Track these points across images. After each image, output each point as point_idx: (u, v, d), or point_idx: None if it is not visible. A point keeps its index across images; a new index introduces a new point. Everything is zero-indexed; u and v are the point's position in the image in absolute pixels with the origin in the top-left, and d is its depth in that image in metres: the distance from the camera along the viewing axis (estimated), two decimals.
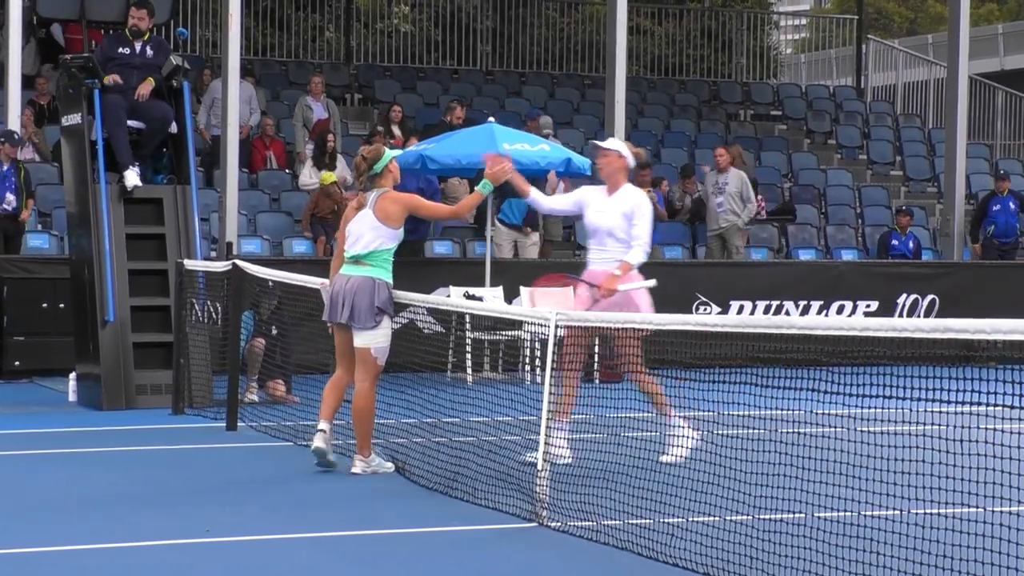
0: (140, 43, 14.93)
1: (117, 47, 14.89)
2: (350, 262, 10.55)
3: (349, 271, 10.54)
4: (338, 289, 10.51)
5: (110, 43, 15.00)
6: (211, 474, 10.84)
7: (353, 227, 10.56)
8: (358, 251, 10.53)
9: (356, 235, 10.53)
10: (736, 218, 20.59)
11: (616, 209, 11.11)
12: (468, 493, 9.57)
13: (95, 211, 14.35)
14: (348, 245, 10.57)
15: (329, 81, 24.67)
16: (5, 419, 13.50)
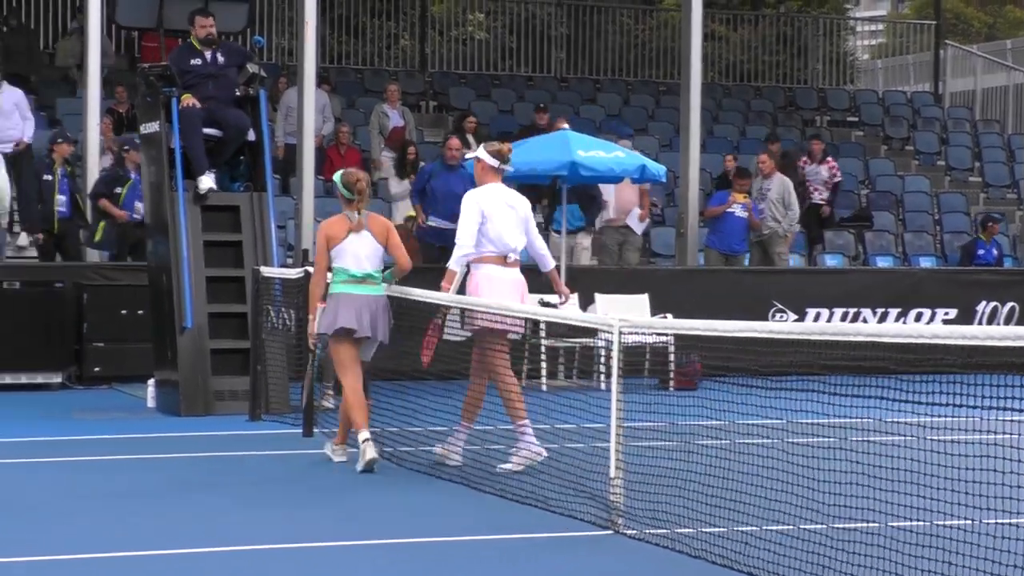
0: (210, 51, 14.96)
1: (189, 59, 14.89)
2: (356, 281, 11.07)
3: (362, 290, 11.07)
4: (359, 306, 11.03)
5: (181, 56, 14.99)
6: (287, 480, 10.92)
7: (353, 248, 11.09)
8: (369, 270, 11.10)
9: (361, 255, 11.10)
10: (777, 225, 20.35)
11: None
12: (541, 500, 9.59)
13: (173, 218, 14.49)
14: (352, 265, 11.07)
15: (404, 89, 24.78)
16: (85, 425, 13.66)
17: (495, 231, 11.14)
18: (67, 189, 17.84)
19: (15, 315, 16.02)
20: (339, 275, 11.15)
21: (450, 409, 11.36)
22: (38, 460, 11.66)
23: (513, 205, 11.29)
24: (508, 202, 11.28)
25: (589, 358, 15.99)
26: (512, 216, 11.23)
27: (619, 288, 17.89)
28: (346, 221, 11.17)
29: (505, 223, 11.19)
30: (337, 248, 11.13)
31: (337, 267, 11.18)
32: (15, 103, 18.92)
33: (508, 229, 11.19)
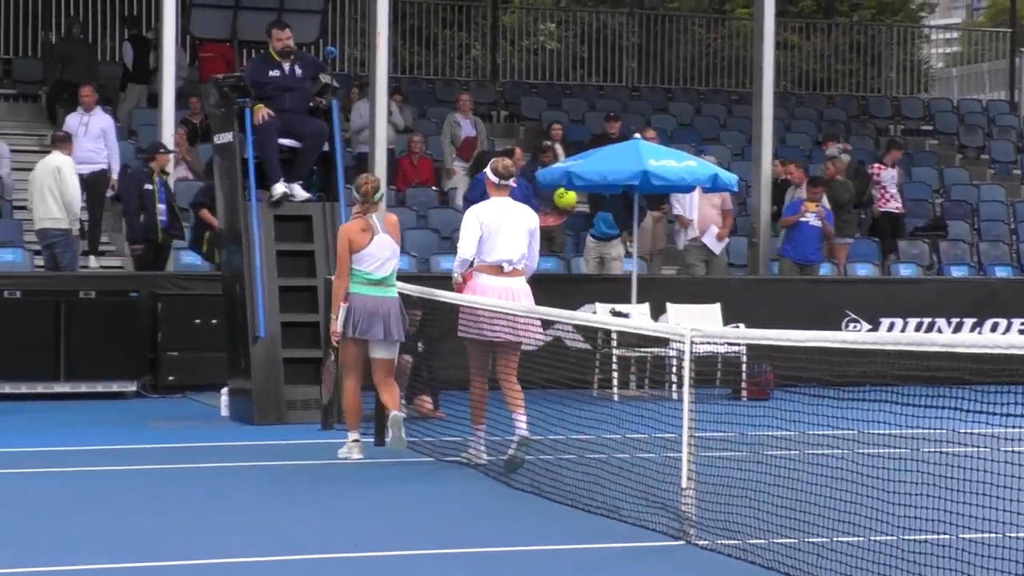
0: (288, 63, 15.03)
1: (267, 71, 14.95)
2: (375, 283, 11.80)
3: (379, 292, 11.82)
4: (373, 308, 11.76)
5: (259, 67, 15.06)
6: (358, 489, 10.97)
7: (375, 251, 11.79)
8: (385, 274, 11.88)
9: (380, 259, 11.82)
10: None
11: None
12: (612, 510, 9.58)
13: (246, 228, 14.58)
14: (372, 268, 11.80)
15: (475, 98, 24.83)
16: (160, 433, 13.78)
17: (489, 244, 11.74)
18: (165, 199, 18.00)
19: (91, 324, 16.18)
20: (357, 277, 11.82)
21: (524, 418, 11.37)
22: (114, 468, 11.77)
23: (515, 218, 11.86)
24: (509, 215, 11.85)
25: (661, 368, 15.96)
26: (511, 229, 11.79)
27: (691, 298, 17.84)
28: (364, 224, 11.85)
29: (502, 236, 11.76)
30: (360, 253, 11.80)
31: (356, 270, 11.83)
32: (103, 128, 19.07)
33: (504, 242, 11.76)
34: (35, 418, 14.68)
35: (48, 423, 14.38)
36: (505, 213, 11.86)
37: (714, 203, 19.17)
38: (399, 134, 22.54)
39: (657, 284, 18.39)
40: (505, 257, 11.75)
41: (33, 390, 15.99)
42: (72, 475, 11.40)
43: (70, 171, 17.32)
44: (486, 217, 11.80)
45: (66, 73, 22.91)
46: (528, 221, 11.95)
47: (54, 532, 9.14)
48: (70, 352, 16.11)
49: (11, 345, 15.86)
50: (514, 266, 11.82)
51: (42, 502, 10.18)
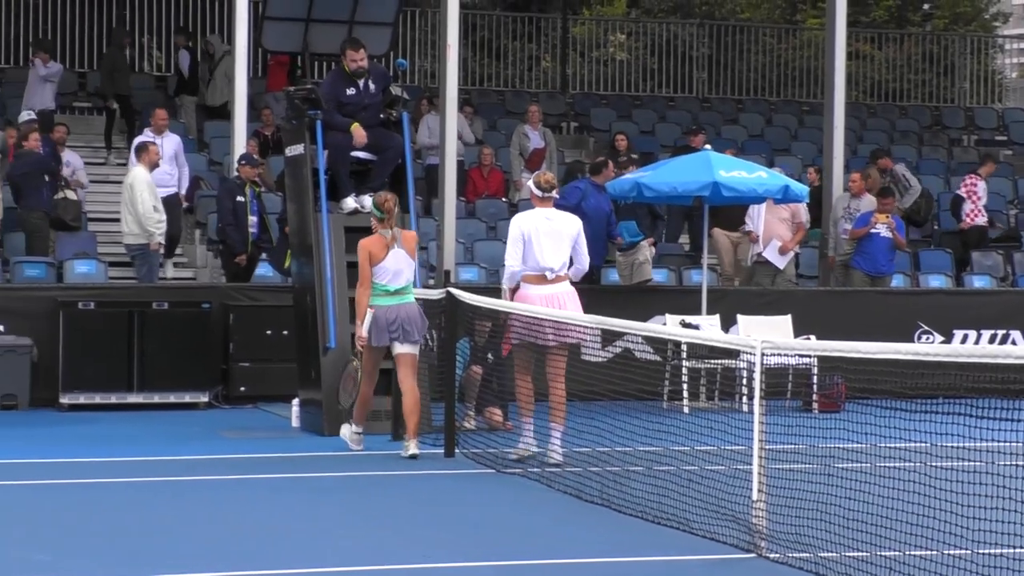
0: (363, 80, 15.08)
1: (344, 89, 14.93)
2: (395, 293, 12.76)
3: (400, 300, 12.78)
4: (399, 316, 12.72)
5: (334, 86, 15.01)
6: (428, 500, 10.99)
7: (391, 264, 12.75)
8: (402, 284, 12.82)
9: (394, 272, 12.78)
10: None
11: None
12: (683, 523, 9.55)
13: (317, 240, 14.65)
14: (387, 281, 12.74)
15: (545, 110, 24.84)
16: (231, 444, 13.86)
17: (530, 253, 12.41)
18: (256, 210, 18.11)
19: (164, 335, 16.29)
20: (376, 289, 12.76)
21: (592, 430, 11.36)
22: (188, 478, 11.85)
23: (557, 226, 12.51)
24: (551, 224, 12.50)
25: (731, 380, 15.90)
26: (553, 237, 12.44)
27: (762, 309, 17.76)
28: (383, 239, 12.80)
29: (544, 245, 12.41)
30: (378, 267, 12.75)
31: (375, 283, 12.78)
32: (176, 150, 19.21)
33: (545, 250, 12.41)
34: (109, 428, 14.80)
35: (121, 434, 14.50)
36: (548, 220, 12.51)
37: (782, 216, 18.98)
38: (467, 146, 22.58)
39: (728, 296, 18.32)
40: (547, 265, 12.36)
41: (107, 400, 16.12)
42: (146, 485, 11.48)
43: (141, 187, 17.44)
44: (528, 227, 12.43)
45: (117, 86, 23.12)
46: (570, 228, 12.56)
47: (128, 542, 9.21)
48: (143, 363, 16.24)
49: (85, 356, 16.01)
50: (556, 273, 12.40)
51: (116, 512, 10.26)
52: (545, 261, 12.38)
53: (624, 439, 11.24)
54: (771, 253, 18.88)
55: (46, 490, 11.25)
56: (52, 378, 16.08)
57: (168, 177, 18.90)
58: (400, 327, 12.71)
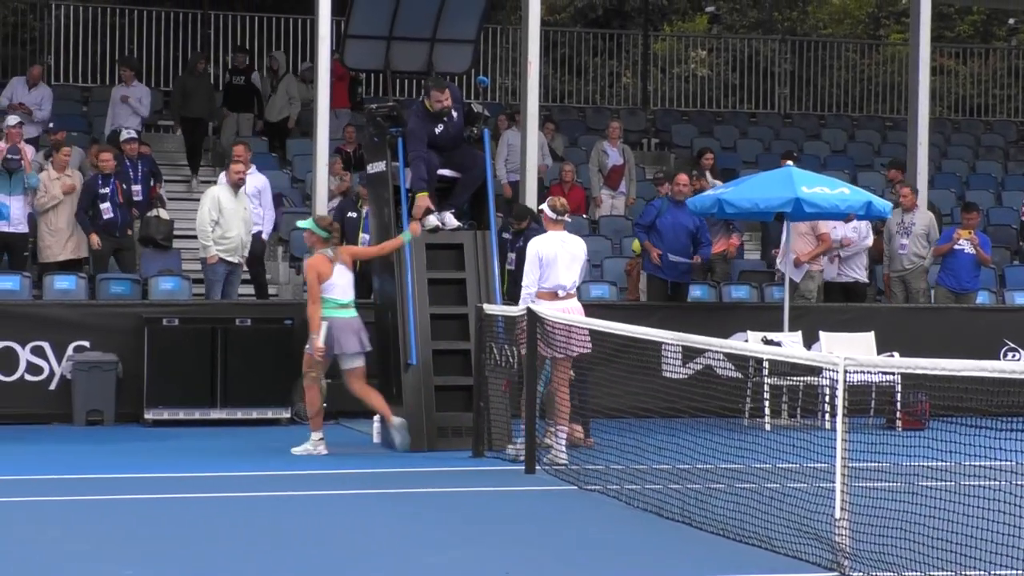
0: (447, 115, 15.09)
1: (432, 128, 14.89)
2: (342, 306, 14.00)
3: (346, 313, 14.04)
4: (345, 326, 13.95)
5: (423, 124, 14.90)
6: (509, 517, 10.99)
7: (339, 279, 14.00)
8: (350, 298, 14.12)
9: (345, 284, 14.07)
10: (921, 260, 19.72)
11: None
12: (764, 541, 9.49)
13: (398, 257, 14.71)
14: (338, 294, 13.97)
15: (626, 126, 24.83)
16: (313, 460, 13.92)
17: (547, 273, 13.52)
18: (368, 227, 18.18)
19: (246, 352, 16.41)
20: (328, 304, 13.94)
21: (673, 447, 11.32)
22: (269, 494, 11.92)
23: (570, 249, 13.66)
24: (565, 247, 13.63)
25: (813, 397, 15.80)
26: (566, 258, 13.59)
27: (844, 326, 17.64)
28: (326, 258, 13.99)
29: (558, 265, 13.54)
30: (328, 283, 13.93)
31: (326, 298, 13.94)
32: (259, 188, 18.63)
33: (560, 270, 13.54)
34: (192, 444, 14.91)
35: (204, 449, 14.61)
36: (563, 243, 13.67)
37: (801, 231, 18.74)
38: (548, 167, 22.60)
39: (810, 312, 18.20)
40: (560, 283, 13.56)
41: (190, 416, 16.26)
42: (228, 501, 11.56)
43: (205, 199, 17.58)
44: (545, 250, 13.58)
45: (187, 109, 23.15)
46: (580, 250, 13.81)
47: (211, 558, 9.27)
48: (226, 379, 16.37)
49: (169, 372, 16.16)
50: (567, 291, 13.62)
51: (199, 528, 10.34)
52: (560, 280, 13.54)
53: (705, 456, 11.19)
54: (787, 267, 18.70)
55: (131, 505, 11.35)
56: (137, 394, 16.23)
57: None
58: (355, 336, 14.01)
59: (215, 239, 17.45)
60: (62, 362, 16.42)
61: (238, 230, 17.63)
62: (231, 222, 17.56)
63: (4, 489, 11.93)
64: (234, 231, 17.59)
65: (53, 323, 16.52)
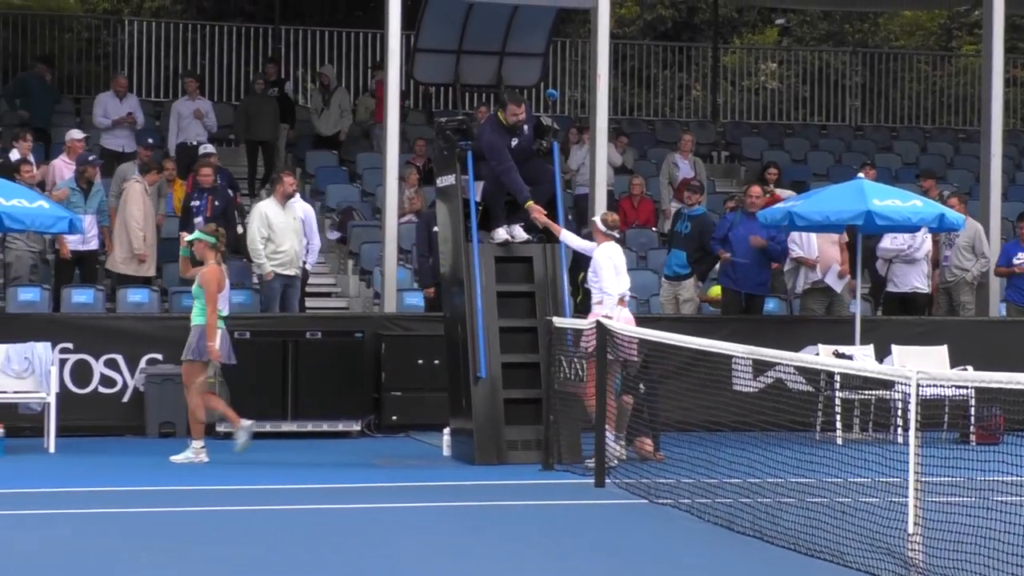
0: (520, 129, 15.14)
1: (508, 140, 14.88)
2: (223, 318, 14.62)
3: (224, 324, 14.63)
4: (226, 338, 14.62)
5: (498, 135, 14.90)
6: (578, 530, 10.97)
7: (226, 292, 14.70)
8: (226, 312, 14.79)
9: (227, 298, 14.78)
10: (963, 273, 19.45)
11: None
12: (836, 555, 9.43)
13: (468, 270, 14.73)
14: (224, 307, 14.66)
15: (696, 139, 24.78)
16: (383, 473, 13.96)
17: (610, 279, 14.17)
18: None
19: (317, 364, 16.48)
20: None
21: (744, 461, 11.27)
22: (343, 506, 11.97)
23: (621, 260, 14.43)
24: (621, 259, 14.45)
25: (885, 411, 15.68)
26: (622, 268, 14.39)
27: (916, 339, 17.50)
28: (221, 270, 14.62)
29: (621, 274, 14.30)
30: (221, 294, 14.54)
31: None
32: (303, 218, 18.02)
33: (620, 278, 14.32)
34: (263, 456, 14.98)
35: (276, 461, 14.68)
36: (618, 254, 14.42)
37: (832, 240, 18.60)
38: (616, 175, 22.59)
39: (881, 325, 18.07)
40: (622, 291, 14.28)
41: (261, 429, 16.31)
42: (299, 513, 11.61)
43: (254, 217, 17.60)
44: (617, 259, 14.35)
45: (251, 132, 23.03)
46: (621, 260, 14.42)
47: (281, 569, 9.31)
48: (297, 392, 16.44)
49: (240, 385, 16.23)
50: (626, 298, 14.39)
51: (270, 540, 10.38)
52: (623, 287, 14.33)
53: (776, 470, 11.13)
54: (831, 278, 18.50)
55: (202, 517, 11.42)
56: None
57: (296, 256, 17.82)
58: (230, 348, 14.70)
59: (268, 254, 17.52)
60: (135, 375, 16.55)
61: (290, 242, 17.66)
62: (283, 235, 17.60)
63: (80, 501, 12.05)
64: (286, 244, 17.64)
65: (126, 336, 16.66)
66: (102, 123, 22.13)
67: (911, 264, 19.11)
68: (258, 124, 23.07)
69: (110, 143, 22.08)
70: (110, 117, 22.16)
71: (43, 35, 27.30)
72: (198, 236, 14.85)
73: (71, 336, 16.41)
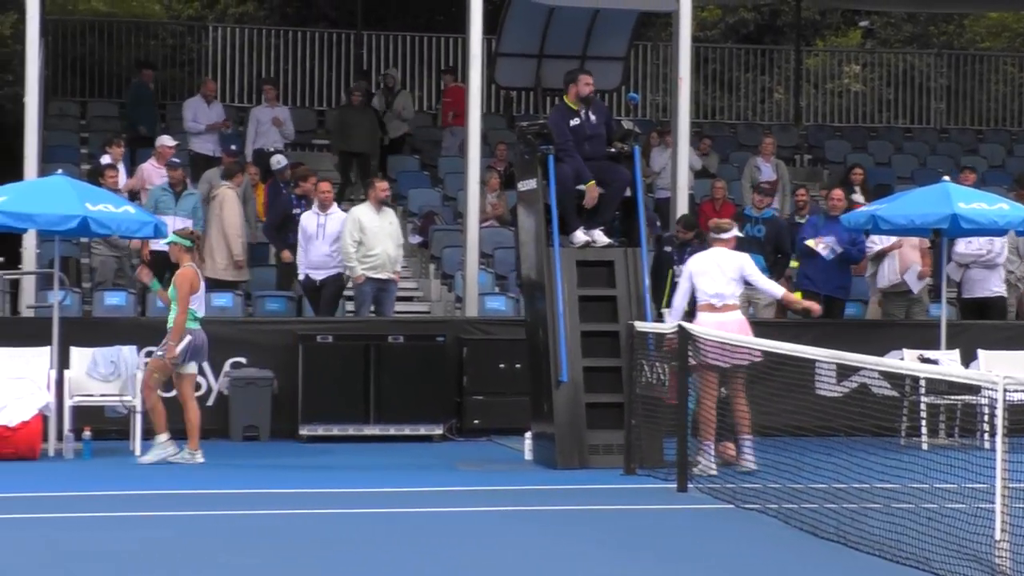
0: (584, 111, 15.15)
1: (568, 120, 15.05)
2: (198, 319, 14.61)
3: (198, 326, 14.63)
4: (201, 340, 14.63)
5: (560, 117, 15.11)
6: (661, 535, 10.94)
7: (200, 294, 14.68)
8: (202, 313, 14.80)
9: (201, 299, 14.77)
10: (1009, 275, 19.19)
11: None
12: (922, 562, 9.34)
13: (549, 274, 14.73)
14: (199, 308, 14.67)
15: (778, 142, 24.66)
16: (465, 476, 13.98)
17: (700, 286, 14.16)
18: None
19: (399, 368, 16.54)
20: (189, 314, 14.50)
21: (828, 466, 11.19)
22: (421, 510, 11.99)
23: (725, 264, 14.20)
24: (718, 262, 14.22)
25: (971, 416, 15.52)
26: (719, 272, 14.14)
27: (1004, 344, 17.30)
28: (195, 271, 14.66)
29: (709, 279, 14.14)
30: (195, 295, 14.54)
31: (190, 308, 14.50)
32: (339, 230, 17.86)
33: (711, 283, 14.12)
34: (347, 460, 15.07)
35: (359, 465, 14.75)
36: (717, 258, 14.25)
37: (913, 243, 18.38)
38: (697, 178, 22.52)
39: (967, 330, 17.87)
40: (711, 294, 14.11)
41: (344, 432, 16.43)
42: (382, 517, 11.65)
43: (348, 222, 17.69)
44: (695, 267, 14.33)
45: (349, 144, 23.00)
46: (734, 263, 14.24)
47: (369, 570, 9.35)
48: (379, 395, 16.52)
49: (323, 388, 16.34)
50: (724, 302, 14.11)
51: (353, 543, 10.43)
52: (710, 290, 14.13)
53: (861, 476, 11.04)
54: (910, 277, 18.29)
55: (285, 520, 11.49)
56: (292, 410, 16.44)
57: (328, 259, 17.90)
58: (202, 350, 14.70)
59: (359, 258, 17.62)
60: (219, 378, 16.68)
61: (383, 246, 17.76)
62: (375, 239, 17.71)
63: (165, 503, 12.16)
64: (378, 248, 17.74)
65: (211, 340, 16.76)
66: (194, 128, 22.30)
67: (991, 269, 18.88)
68: (354, 136, 23.04)
69: (200, 147, 22.26)
70: (199, 122, 22.34)
71: (129, 41, 27.61)
72: (174, 239, 14.93)
73: (156, 340, 16.49)
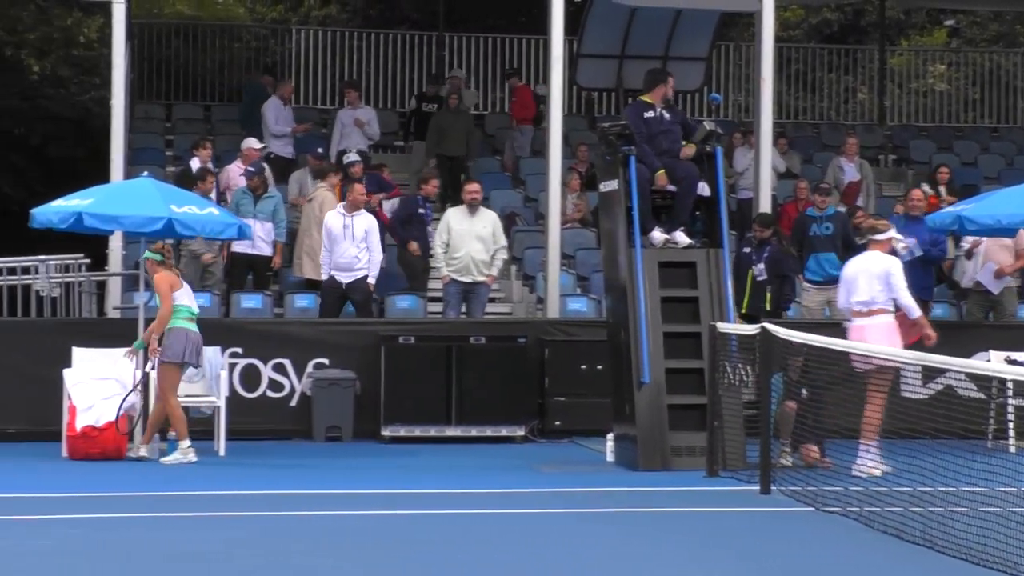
0: (658, 108, 15.16)
1: (642, 112, 15.09)
2: (191, 319, 14.69)
3: (194, 327, 14.70)
4: (196, 340, 14.66)
5: (637, 111, 15.16)
6: (743, 538, 10.88)
7: (187, 290, 14.89)
8: (197, 311, 14.95)
9: (191, 298, 14.91)
10: None
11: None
12: (1009, 566, 9.23)
13: (631, 275, 14.69)
14: (190, 303, 14.80)
15: (862, 142, 24.45)
16: (547, 478, 13.97)
17: (849, 292, 14.28)
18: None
19: (481, 369, 16.57)
20: (182, 312, 14.67)
21: (914, 469, 11.09)
22: (504, 512, 12.00)
23: (869, 267, 14.17)
24: (867, 266, 14.21)
25: None
26: (864, 278, 14.12)
27: None
28: (173, 275, 14.88)
29: (855, 285, 14.18)
30: (178, 292, 14.68)
31: (180, 305, 14.66)
32: (367, 230, 17.79)
33: (856, 289, 14.16)
34: (429, 461, 15.10)
35: (441, 466, 14.77)
36: (867, 263, 14.24)
37: (1004, 243, 18.11)
38: (780, 179, 22.38)
39: None
40: (859, 299, 14.14)
41: (426, 433, 16.48)
42: (464, 518, 11.66)
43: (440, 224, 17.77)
44: (845, 273, 14.46)
45: (443, 147, 22.86)
46: (877, 268, 14.14)
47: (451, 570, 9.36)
48: (461, 396, 16.56)
49: (405, 389, 16.39)
50: (866, 307, 14.06)
51: (434, 543, 10.44)
52: (859, 296, 14.12)
53: (947, 479, 10.92)
54: (985, 276, 18.00)
55: (367, 521, 11.52)
56: (374, 411, 16.51)
57: (355, 260, 17.73)
58: (195, 350, 14.64)
59: (446, 260, 17.75)
60: (302, 379, 16.78)
61: (467, 249, 17.82)
62: (460, 241, 17.80)
63: (248, 503, 12.24)
64: (462, 251, 17.80)
65: (294, 341, 16.91)
66: (278, 130, 22.40)
67: None
68: (449, 139, 22.96)
69: (281, 150, 22.38)
70: (280, 124, 22.47)
71: (213, 44, 27.83)
72: (147, 255, 15.04)
73: (240, 341, 16.69)
